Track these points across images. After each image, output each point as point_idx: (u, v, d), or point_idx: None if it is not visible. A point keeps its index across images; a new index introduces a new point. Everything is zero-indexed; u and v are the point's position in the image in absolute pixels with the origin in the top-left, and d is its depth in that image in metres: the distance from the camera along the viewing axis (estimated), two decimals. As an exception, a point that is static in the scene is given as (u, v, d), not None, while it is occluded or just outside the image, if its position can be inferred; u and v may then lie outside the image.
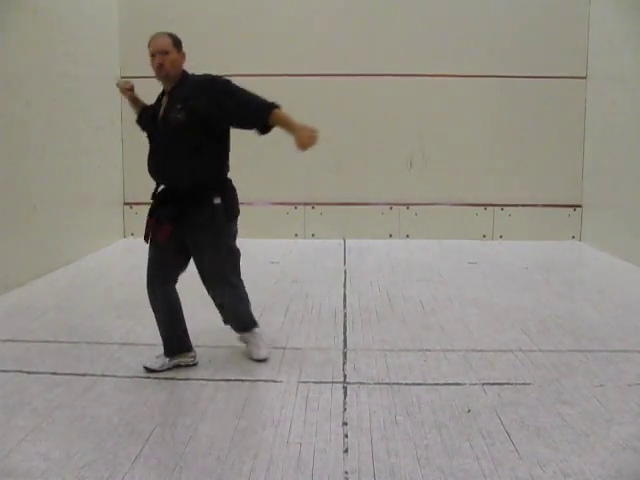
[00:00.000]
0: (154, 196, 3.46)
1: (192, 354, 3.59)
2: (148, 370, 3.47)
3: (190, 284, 5.16)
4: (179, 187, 3.36)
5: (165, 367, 3.50)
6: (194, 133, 3.32)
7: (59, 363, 3.60)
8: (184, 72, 3.44)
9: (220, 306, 3.70)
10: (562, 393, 3.21)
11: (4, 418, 2.90)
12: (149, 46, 3.38)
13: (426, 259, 6.66)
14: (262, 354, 3.69)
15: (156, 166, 3.43)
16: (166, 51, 3.32)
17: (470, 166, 7.72)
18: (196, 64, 3.50)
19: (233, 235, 3.55)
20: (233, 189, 3.52)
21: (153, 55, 3.34)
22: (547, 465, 2.51)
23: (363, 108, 7.65)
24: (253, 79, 3.95)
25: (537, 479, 2.41)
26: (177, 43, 3.39)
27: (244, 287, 3.68)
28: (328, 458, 2.57)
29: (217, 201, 3.37)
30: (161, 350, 3.52)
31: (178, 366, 3.53)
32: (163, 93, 3.49)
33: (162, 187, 3.46)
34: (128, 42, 7.53)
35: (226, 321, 3.77)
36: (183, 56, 3.42)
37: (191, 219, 3.35)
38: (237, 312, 3.70)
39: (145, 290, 3.48)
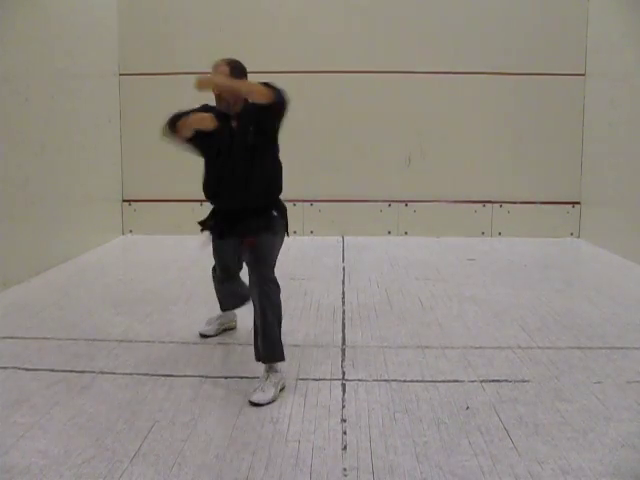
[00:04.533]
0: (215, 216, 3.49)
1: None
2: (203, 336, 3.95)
3: (190, 282, 5.13)
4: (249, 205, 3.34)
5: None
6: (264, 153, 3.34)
7: (57, 360, 3.60)
8: None
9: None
10: (561, 390, 3.22)
11: (2, 415, 2.90)
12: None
13: (425, 256, 6.65)
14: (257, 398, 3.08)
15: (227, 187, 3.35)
16: None
17: (469, 163, 7.72)
18: (195, 62, 3.48)
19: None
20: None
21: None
22: (546, 462, 2.51)
23: (361, 105, 7.63)
24: (251, 77, 3.94)
25: (536, 476, 2.41)
26: (234, 70, 3.37)
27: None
28: (327, 455, 2.57)
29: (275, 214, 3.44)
30: (159, 348, 3.51)
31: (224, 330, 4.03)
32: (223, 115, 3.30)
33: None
34: (127, 40, 7.51)
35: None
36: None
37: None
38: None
39: (143, 287, 3.47)
